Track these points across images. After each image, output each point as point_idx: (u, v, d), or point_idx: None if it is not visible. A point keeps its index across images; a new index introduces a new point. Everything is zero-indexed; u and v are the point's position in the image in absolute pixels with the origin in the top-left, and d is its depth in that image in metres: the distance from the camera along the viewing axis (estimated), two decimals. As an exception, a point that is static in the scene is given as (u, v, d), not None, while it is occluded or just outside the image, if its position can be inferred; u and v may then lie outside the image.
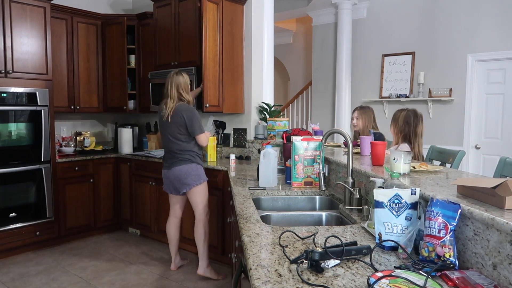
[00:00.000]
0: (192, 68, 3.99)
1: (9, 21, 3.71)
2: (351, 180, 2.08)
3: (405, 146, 2.95)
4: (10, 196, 3.83)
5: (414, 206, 1.44)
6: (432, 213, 1.28)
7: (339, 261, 1.27)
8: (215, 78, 3.97)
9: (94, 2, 5.03)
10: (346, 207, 2.04)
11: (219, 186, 3.61)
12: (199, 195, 3.30)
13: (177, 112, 3.20)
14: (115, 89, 4.80)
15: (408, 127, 2.97)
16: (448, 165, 2.86)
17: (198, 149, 3.34)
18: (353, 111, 3.82)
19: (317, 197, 2.47)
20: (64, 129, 4.83)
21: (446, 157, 2.95)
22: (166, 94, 3.27)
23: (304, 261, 1.24)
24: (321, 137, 2.43)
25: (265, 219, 2.04)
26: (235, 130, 4.27)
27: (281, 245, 1.45)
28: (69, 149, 4.48)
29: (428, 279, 1.06)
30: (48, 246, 4.14)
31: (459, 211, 1.22)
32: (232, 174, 3.19)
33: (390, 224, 1.44)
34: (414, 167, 2.01)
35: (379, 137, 3.26)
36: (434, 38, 5.23)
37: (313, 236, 1.53)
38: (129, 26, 4.74)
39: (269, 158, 2.60)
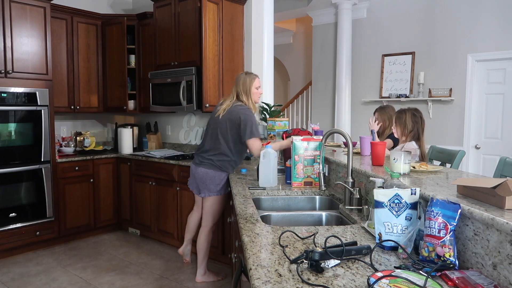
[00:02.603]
0: (192, 68, 3.99)
1: (9, 21, 3.71)
2: (351, 180, 2.08)
3: (411, 144, 2.95)
4: (10, 196, 3.83)
5: (414, 206, 1.44)
6: (432, 213, 1.28)
7: (339, 261, 1.27)
8: (215, 78, 3.97)
9: (94, 2, 5.03)
10: (346, 207, 2.04)
11: (219, 186, 3.60)
12: (215, 206, 3.16)
13: (233, 110, 3.00)
14: (115, 89, 4.80)
15: (416, 126, 2.99)
16: (448, 165, 2.86)
17: (236, 157, 3.11)
18: (374, 113, 3.65)
19: (317, 197, 2.47)
20: (64, 129, 4.83)
21: (446, 157, 2.95)
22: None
23: (304, 261, 1.24)
24: (321, 137, 2.43)
25: (265, 219, 2.04)
26: (235, 130, 4.27)
27: (281, 245, 1.45)
28: (69, 149, 4.48)
29: (428, 279, 1.06)
30: (48, 246, 4.14)
31: (459, 211, 1.22)
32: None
33: (390, 224, 1.44)
34: (414, 167, 2.01)
35: (393, 138, 3.26)
36: (434, 38, 5.23)
37: (313, 236, 1.53)
38: (129, 26, 4.73)
39: (269, 158, 2.60)
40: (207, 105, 3.90)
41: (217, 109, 3.13)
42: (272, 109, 4.08)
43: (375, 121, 3.49)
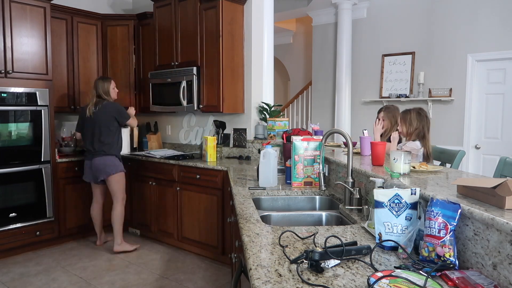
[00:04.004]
0: (192, 68, 3.99)
1: (9, 21, 3.71)
2: (351, 180, 2.08)
3: (413, 144, 2.95)
4: (10, 196, 3.83)
5: (414, 206, 1.44)
6: (432, 213, 1.28)
7: (339, 261, 1.27)
8: (215, 78, 3.97)
9: (94, 2, 5.03)
10: (346, 207, 2.04)
11: (219, 186, 3.60)
12: (117, 184, 3.86)
13: (103, 108, 3.82)
14: (120, 89, 4.78)
15: (421, 124, 3.00)
16: (448, 165, 2.86)
17: (116, 139, 3.89)
18: (379, 112, 3.60)
19: (317, 197, 2.47)
20: (64, 129, 4.82)
21: (446, 157, 2.95)
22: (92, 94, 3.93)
23: (304, 261, 1.24)
24: (321, 137, 2.43)
25: (265, 219, 2.04)
26: (235, 130, 4.27)
27: (281, 245, 1.45)
28: (69, 149, 4.48)
29: (428, 279, 1.06)
30: (48, 246, 4.14)
31: (459, 211, 1.22)
32: (231, 174, 3.19)
33: (390, 224, 1.44)
34: (414, 167, 2.01)
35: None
36: (434, 38, 5.23)
37: (313, 236, 1.53)
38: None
39: (269, 158, 2.60)
40: (204, 105, 3.90)
41: (85, 110, 3.89)
42: (272, 109, 4.08)
43: (382, 120, 3.44)
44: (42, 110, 3.98)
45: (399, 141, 3.18)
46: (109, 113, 3.82)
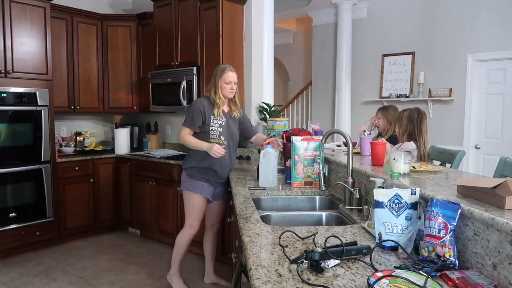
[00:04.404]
0: (192, 68, 3.99)
1: (9, 21, 3.71)
2: (351, 180, 2.08)
3: (409, 145, 2.95)
4: (10, 196, 3.83)
5: (414, 206, 1.44)
6: (432, 213, 1.28)
7: (339, 261, 1.27)
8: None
9: (94, 2, 5.03)
10: (346, 207, 2.04)
11: (219, 186, 3.60)
12: (186, 205, 3.07)
13: None
14: (121, 90, 4.80)
15: (412, 125, 2.98)
16: (448, 165, 2.85)
17: (188, 151, 3.02)
18: (377, 112, 3.60)
19: (317, 197, 2.47)
20: (64, 129, 4.83)
21: (446, 157, 2.95)
22: None
23: (304, 261, 1.24)
24: (321, 137, 2.43)
25: (265, 219, 2.04)
26: (235, 130, 4.26)
27: (281, 245, 1.45)
28: (69, 149, 4.48)
29: (428, 279, 1.06)
30: (48, 246, 4.14)
31: (459, 211, 1.22)
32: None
33: (390, 224, 1.44)
34: (414, 167, 2.01)
35: (394, 138, 3.26)
36: (434, 38, 5.23)
37: (313, 236, 1.53)
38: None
39: (269, 158, 2.60)
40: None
41: None
42: (272, 109, 4.08)
43: (377, 119, 3.48)
44: (42, 110, 3.98)
45: (397, 142, 3.19)
46: None
